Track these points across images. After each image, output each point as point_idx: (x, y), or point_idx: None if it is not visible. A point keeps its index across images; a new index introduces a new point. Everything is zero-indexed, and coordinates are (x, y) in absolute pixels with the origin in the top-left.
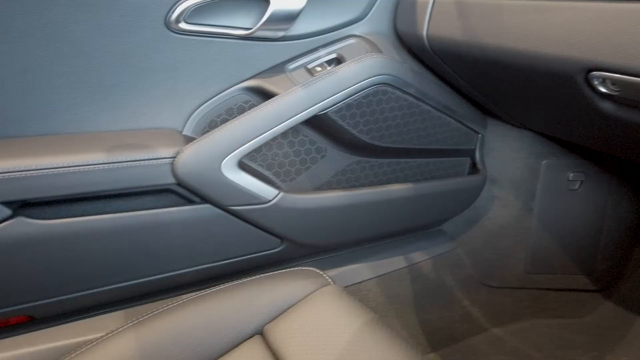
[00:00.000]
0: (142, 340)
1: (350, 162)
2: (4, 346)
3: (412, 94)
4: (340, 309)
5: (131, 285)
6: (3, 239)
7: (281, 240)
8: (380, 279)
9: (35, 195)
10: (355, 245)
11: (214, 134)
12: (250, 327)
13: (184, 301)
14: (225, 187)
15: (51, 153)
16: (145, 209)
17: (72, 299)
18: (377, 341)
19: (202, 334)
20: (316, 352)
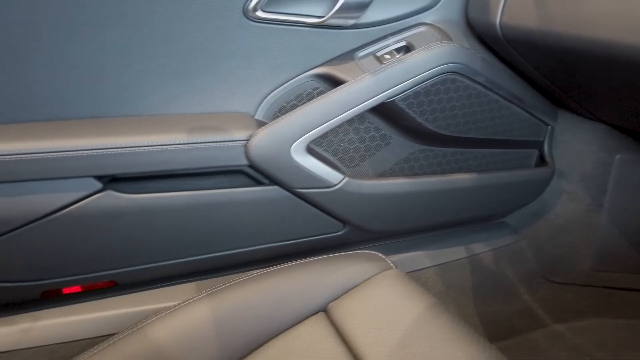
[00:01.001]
0: (214, 309)
1: (414, 150)
2: (92, 308)
3: (482, 83)
4: (403, 292)
5: (204, 259)
6: (94, 210)
7: (343, 224)
8: (440, 268)
9: (123, 171)
10: (416, 233)
11: (285, 119)
12: (315, 304)
13: (253, 276)
14: (294, 170)
15: (137, 132)
16: (218, 188)
17: (151, 269)
18: (440, 325)
19: (270, 307)
20: (379, 332)
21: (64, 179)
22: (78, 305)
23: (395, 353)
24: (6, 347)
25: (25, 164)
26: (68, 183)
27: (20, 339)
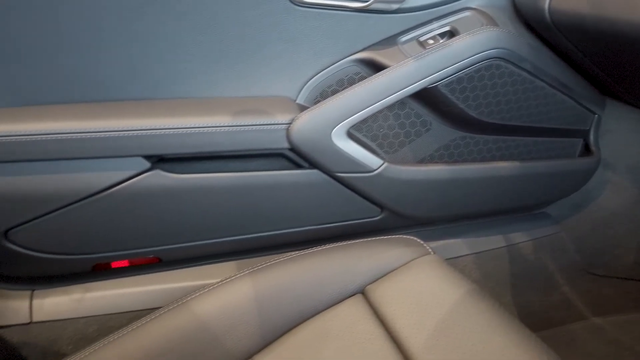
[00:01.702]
0: (255, 287)
1: (455, 137)
2: (139, 282)
3: (527, 70)
4: (442, 277)
5: (245, 239)
6: (142, 188)
7: (381, 210)
8: (477, 256)
9: (170, 151)
10: (455, 221)
11: (326, 103)
12: (353, 285)
13: (293, 256)
14: (334, 155)
15: (184, 114)
16: (259, 170)
17: (195, 247)
18: (479, 311)
19: (309, 287)
20: (417, 315)
21: (115, 158)
22: (126, 279)
23: (433, 337)
24: (60, 316)
25: (79, 142)
26: (119, 162)
27: (73, 308)
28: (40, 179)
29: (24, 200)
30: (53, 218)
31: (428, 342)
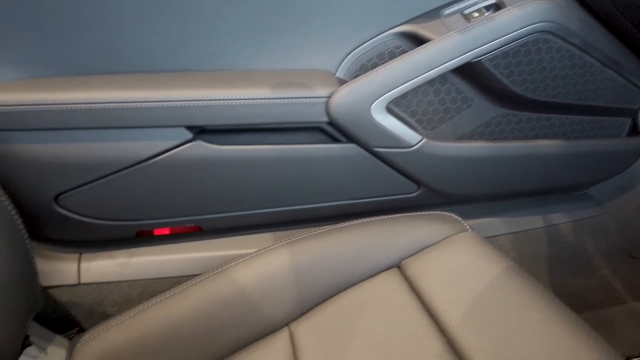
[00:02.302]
0: (292, 257)
1: (496, 114)
2: (180, 249)
3: (576, 45)
4: (479, 254)
5: (282, 211)
6: (184, 158)
7: (418, 186)
8: (515, 236)
9: (212, 123)
10: (493, 199)
11: (366, 77)
12: (389, 259)
13: (329, 229)
14: (373, 129)
15: (225, 86)
16: (297, 143)
17: (234, 217)
18: (517, 288)
19: (346, 259)
20: (454, 290)
21: (160, 128)
22: (168, 246)
23: (470, 312)
24: (106, 279)
25: (126, 112)
26: (163, 132)
27: (118, 272)
28: (89, 146)
29: (73, 167)
30: (100, 185)
31: (465, 316)
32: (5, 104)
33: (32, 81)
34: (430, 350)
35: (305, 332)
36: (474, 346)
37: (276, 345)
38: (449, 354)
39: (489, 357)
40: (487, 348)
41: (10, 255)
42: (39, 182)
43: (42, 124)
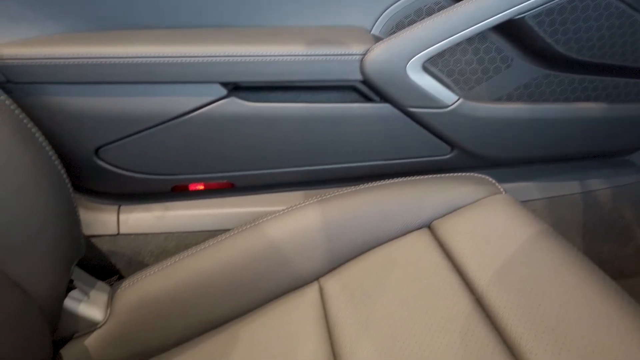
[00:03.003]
0: (323, 215)
1: (537, 75)
2: (213, 204)
3: (627, 2)
4: (513, 216)
5: (314, 170)
6: (218, 115)
7: (452, 148)
8: (550, 201)
9: (246, 79)
10: (528, 163)
11: (403, 34)
12: (419, 219)
13: (361, 188)
14: (408, 88)
15: (260, 42)
16: (330, 102)
17: (266, 175)
18: (551, 250)
19: (376, 218)
20: (485, 251)
21: (195, 84)
22: (202, 201)
23: (501, 272)
24: (144, 230)
25: (163, 67)
26: (198, 87)
27: (154, 224)
28: (127, 101)
29: (111, 121)
30: (137, 139)
31: (495, 276)
32: (47, 57)
33: (73, 35)
34: (458, 308)
35: (334, 287)
36: (502, 305)
37: (306, 297)
38: (477, 312)
39: (518, 316)
40: (516, 307)
41: (56, 204)
42: (80, 135)
43: (82, 77)
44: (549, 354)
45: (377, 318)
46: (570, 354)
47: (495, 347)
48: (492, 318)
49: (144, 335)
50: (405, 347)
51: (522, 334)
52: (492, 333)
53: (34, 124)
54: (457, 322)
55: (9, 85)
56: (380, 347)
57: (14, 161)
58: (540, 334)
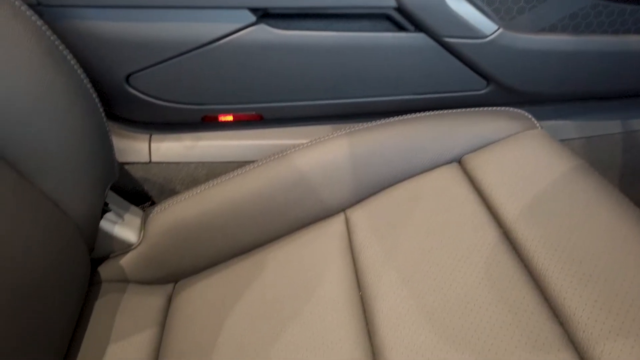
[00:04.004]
0: (351, 146)
1: (584, 4)
2: (242, 136)
3: None
4: (548, 151)
5: (342, 103)
6: (247, 42)
7: (488, 82)
8: (588, 141)
9: (275, 4)
10: (569, 100)
11: None
12: (449, 154)
13: (390, 121)
14: (444, 15)
15: None
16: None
17: (295, 107)
18: (586, 186)
19: (405, 151)
20: (516, 185)
21: (223, 9)
22: (231, 132)
23: (532, 207)
24: (175, 159)
25: None
26: (227, 13)
27: (185, 153)
28: (156, 26)
29: (141, 47)
30: (166, 67)
31: (525, 210)
32: None
33: None
34: (484, 240)
35: (360, 218)
36: (530, 237)
37: (332, 227)
38: (504, 244)
39: (545, 249)
40: (544, 240)
41: (89, 127)
42: (111, 60)
43: (112, 1)
44: (575, 286)
45: (402, 248)
46: (597, 287)
47: (519, 278)
48: (518, 250)
49: (175, 257)
50: (429, 276)
51: (549, 265)
52: (517, 265)
53: (65, 47)
54: (482, 253)
55: (40, 8)
56: (404, 275)
57: (47, 82)
58: (567, 266)
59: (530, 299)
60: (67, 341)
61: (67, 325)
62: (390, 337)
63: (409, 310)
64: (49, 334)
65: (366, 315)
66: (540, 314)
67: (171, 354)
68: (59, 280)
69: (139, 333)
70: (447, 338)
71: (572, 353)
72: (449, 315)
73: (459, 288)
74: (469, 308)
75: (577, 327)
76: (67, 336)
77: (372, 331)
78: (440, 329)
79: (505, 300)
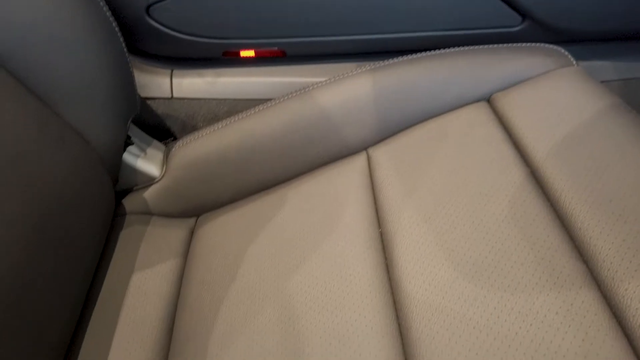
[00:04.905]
0: (376, 83)
1: None
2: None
3: None
4: (583, 89)
5: (367, 39)
6: None
7: (522, 18)
8: (626, 83)
9: None
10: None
11: None
12: (478, 91)
13: (416, 57)
14: None
15: None
16: None
17: (318, 42)
18: (622, 125)
19: (431, 88)
20: (547, 123)
21: None
22: (253, 68)
23: (562, 145)
24: (196, 95)
25: None
26: None
27: (207, 89)
28: None
29: None
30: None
31: (555, 149)
32: None
33: None
34: (510, 179)
35: (382, 156)
36: (559, 176)
37: (354, 165)
38: (530, 183)
39: (574, 188)
40: (574, 179)
41: (110, 58)
42: None
43: None
44: (602, 225)
45: (424, 186)
46: (626, 226)
47: (545, 217)
48: (545, 189)
49: (197, 192)
50: (450, 214)
51: (577, 204)
52: (543, 203)
53: None
54: (507, 192)
55: None
56: (425, 212)
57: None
58: (596, 204)
59: (555, 237)
60: (93, 269)
61: (93, 253)
62: (409, 270)
63: (429, 245)
64: (76, 261)
65: (385, 250)
66: (564, 252)
67: (194, 283)
68: (85, 208)
69: (162, 263)
70: (467, 273)
71: (594, 291)
72: (469, 252)
73: (481, 226)
74: (490, 245)
75: (602, 265)
76: (93, 264)
77: (390, 265)
78: (459, 265)
79: (528, 238)
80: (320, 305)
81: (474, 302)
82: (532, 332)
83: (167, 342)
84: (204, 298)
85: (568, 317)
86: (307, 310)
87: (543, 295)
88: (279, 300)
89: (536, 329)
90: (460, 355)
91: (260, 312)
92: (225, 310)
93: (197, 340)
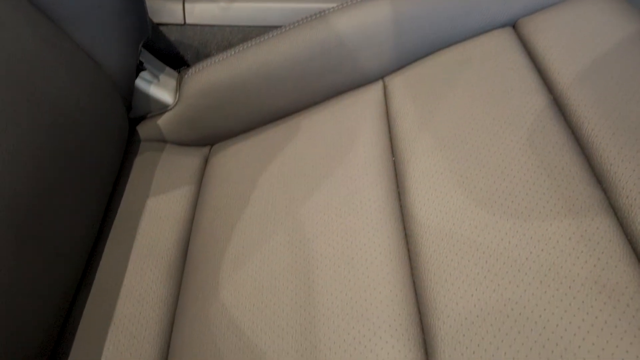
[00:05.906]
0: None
1: None
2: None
3: None
4: (614, 12)
5: None
6: None
7: None
8: None
9: None
10: None
11: None
12: (504, 16)
13: None
14: None
15: None
16: None
17: None
18: None
19: (453, 13)
20: (573, 49)
21: None
22: None
23: (589, 71)
24: (210, 21)
25: None
26: None
27: (220, 16)
28: None
29: None
30: None
31: (581, 74)
32: None
33: None
34: (532, 105)
35: (399, 85)
36: (582, 103)
37: (369, 94)
38: (552, 109)
39: (598, 115)
40: (597, 105)
41: None
42: None
43: None
44: (625, 152)
45: (441, 114)
46: None
47: (565, 144)
48: (567, 116)
49: (211, 119)
50: (466, 141)
51: (599, 131)
52: (564, 131)
53: None
54: (527, 118)
55: None
56: (440, 139)
57: None
58: (619, 132)
59: (573, 164)
60: (108, 191)
61: (107, 176)
62: (420, 197)
63: (442, 173)
64: (92, 179)
65: (397, 177)
66: (582, 179)
67: (207, 208)
68: (99, 130)
69: (177, 189)
70: (480, 201)
71: (610, 218)
72: (483, 179)
73: (497, 153)
74: (506, 172)
75: (620, 192)
76: (108, 188)
77: (402, 192)
78: (473, 192)
79: (545, 165)
80: (330, 229)
81: (485, 228)
82: (543, 257)
83: (182, 263)
84: (217, 223)
85: (581, 242)
86: (318, 234)
87: (557, 222)
88: (290, 224)
89: (547, 254)
90: (468, 277)
91: (272, 236)
92: (238, 234)
93: (210, 262)
